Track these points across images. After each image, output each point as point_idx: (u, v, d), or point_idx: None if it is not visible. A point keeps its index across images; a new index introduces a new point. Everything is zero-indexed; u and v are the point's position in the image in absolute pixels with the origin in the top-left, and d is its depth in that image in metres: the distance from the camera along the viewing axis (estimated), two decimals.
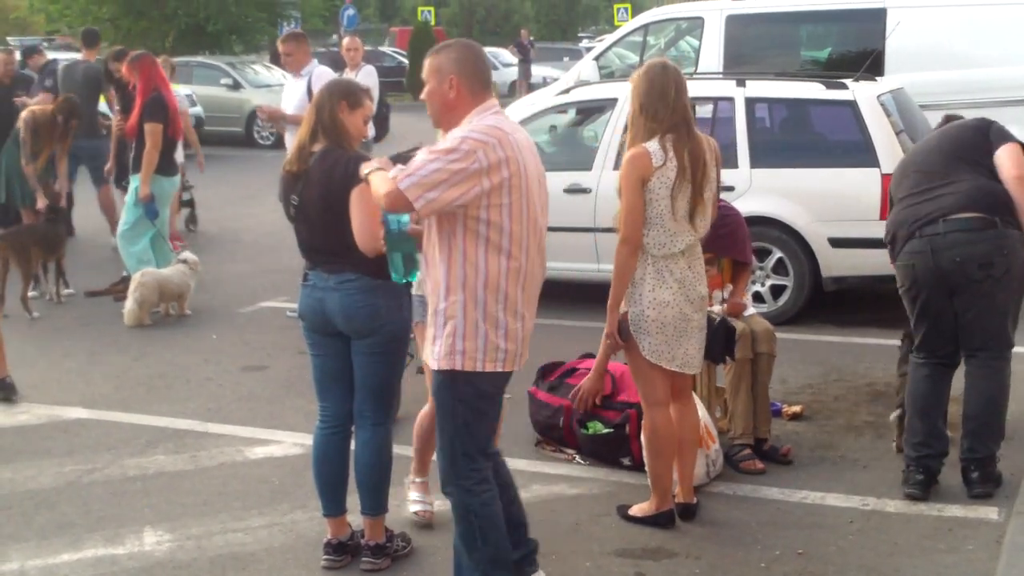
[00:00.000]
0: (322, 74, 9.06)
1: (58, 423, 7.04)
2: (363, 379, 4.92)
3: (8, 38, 28.90)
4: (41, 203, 10.18)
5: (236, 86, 23.36)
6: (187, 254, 9.47)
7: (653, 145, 4.98)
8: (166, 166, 9.53)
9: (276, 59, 28.62)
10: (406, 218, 4.30)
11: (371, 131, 7.88)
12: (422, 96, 4.31)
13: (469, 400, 4.20)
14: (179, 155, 10.52)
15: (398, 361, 5.00)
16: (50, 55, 16.54)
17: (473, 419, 4.23)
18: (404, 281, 4.61)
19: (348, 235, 4.69)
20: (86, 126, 11.63)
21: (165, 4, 28.45)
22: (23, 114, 10.85)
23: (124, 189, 10.29)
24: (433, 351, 4.19)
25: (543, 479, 6.00)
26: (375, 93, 9.35)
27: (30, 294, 9.67)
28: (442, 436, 4.30)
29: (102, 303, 10.05)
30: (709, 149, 5.09)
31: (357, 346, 4.87)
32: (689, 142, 4.99)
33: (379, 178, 4.15)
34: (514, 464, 6.07)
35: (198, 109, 20.21)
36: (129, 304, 9.20)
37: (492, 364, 4.15)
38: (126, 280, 10.11)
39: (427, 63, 4.24)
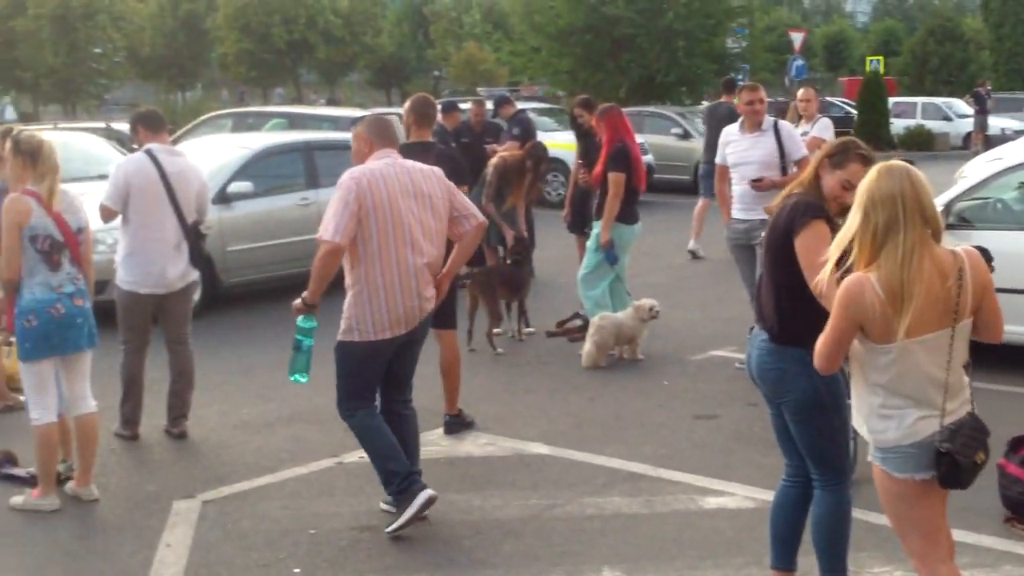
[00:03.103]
0: (791, 132, 9.01)
1: (522, 456, 7.39)
2: (797, 441, 4.90)
3: (479, 89, 30.89)
4: (509, 235, 10.80)
5: (685, 135, 23.75)
6: (647, 300, 9.68)
7: None
8: (627, 214, 9.84)
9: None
10: (309, 342, 6.07)
11: None
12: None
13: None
14: None
15: (824, 426, 4.83)
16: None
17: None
18: (296, 379, 6.16)
19: (778, 290, 4.74)
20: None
21: (620, 57, 29.41)
22: (494, 159, 11.59)
23: (585, 235, 10.70)
24: None
25: (1015, 560, 5.63)
26: None
27: (495, 331, 10.24)
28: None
29: (559, 343, 10.47)
30: None
31: (782, 408, 4.86)
32: None
33: None
34: (981, 541, 5.80)
35: (649, 157, 20.72)
36: (587, 346, 9.54)
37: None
38: (579, 317, 10.53)
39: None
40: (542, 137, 16.05)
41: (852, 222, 4.01)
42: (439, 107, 11.92)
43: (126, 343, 7.74)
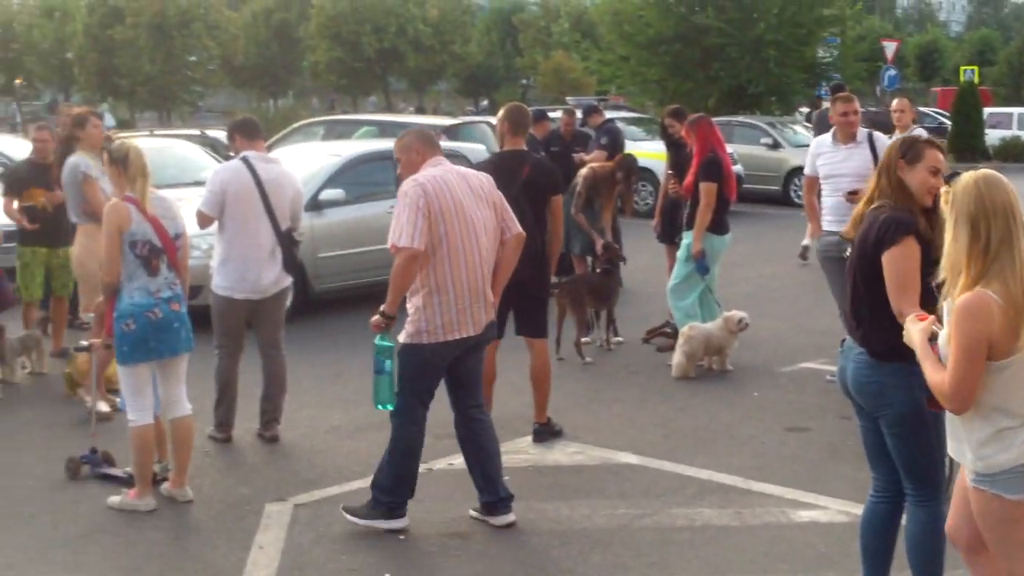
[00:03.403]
0: (887, 144, 8.92)
1: (610, 466, 7.37)
2: (893, 455, 4.82)
3: (567, 98, 30.98)
4: (599, 244, 10.79)
5: (775, 145, 23.57)
6: (736, 312, 9.61)
7: None
8: (718, 224, 9.79)
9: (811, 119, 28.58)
10: (390, 363, 6.09)
11: None
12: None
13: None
14: None
15: (923, 440, 4.75)
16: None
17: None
18: (383, 408, 6.20)
19: (872, 305, 4.68)
20: None
21: (710, 67, 29.26)
22: (584, 170, 11.59)
23: (675, 245, 10.66)
24: None
25: None
26: None
27: (583, 340, 10.23)
28: None
29: (647, 353, 10.43)
30: None
31: (879, 421, 4.78)
32: None
33: None
34: None
35: (738, 167, 20.57)
36: (677, 356, 9.49)
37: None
38: (669, 326, 10.49)
39: None
40: (631, 147, 16.05)
41: (959, 239, 3.93)
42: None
43: (220, 347, 7.86)
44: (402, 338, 6.15)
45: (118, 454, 7.21)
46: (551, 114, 16.17)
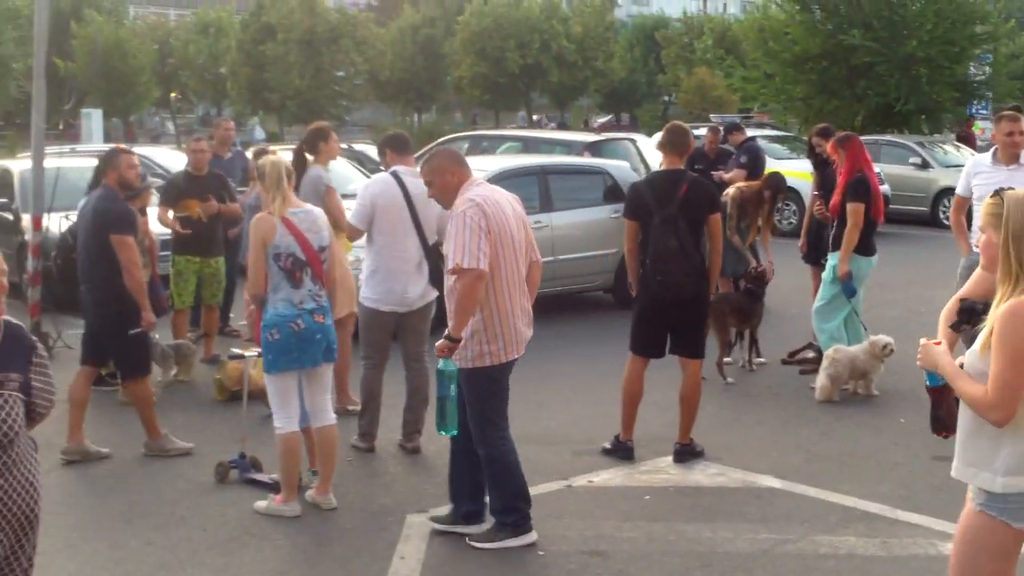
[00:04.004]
0: None
1: (752, 489, 7.28)
2: None
3: (712, 116, 30.72)
4: (753, 264, 10.70)
5: (924, 165, 23.01)
6: (883, 337, 9.40)
7: None
8: (865, 245, 9.60)
9: (963, 139, 27.82)
10: (455, 387, 5.96)
11: None
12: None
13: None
14: None
15: None
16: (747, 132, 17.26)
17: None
18: (447, 433, 6.10)
19: None
20: None
21: (857, 84, 28.69)
22: (731, 190, 11.51)
23: (821, 266, 10.47)
24: None
25: None
26: None
27: (725, 360, 10.13)
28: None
29: (790, 375, 10.27)
30: None
31: None
32: None
33: None
34: None
35: (886, 188, 20.15)
36: (821, 379, 9.33)
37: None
38: (812, 348, 10.31)
39: None
40: (774, 165, 15.82)
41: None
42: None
43: (366, 359, 7.99)
44: (463, 363, 6.12)
45: (265, 460, 7.39)
46: (695, 131, 16.05)
